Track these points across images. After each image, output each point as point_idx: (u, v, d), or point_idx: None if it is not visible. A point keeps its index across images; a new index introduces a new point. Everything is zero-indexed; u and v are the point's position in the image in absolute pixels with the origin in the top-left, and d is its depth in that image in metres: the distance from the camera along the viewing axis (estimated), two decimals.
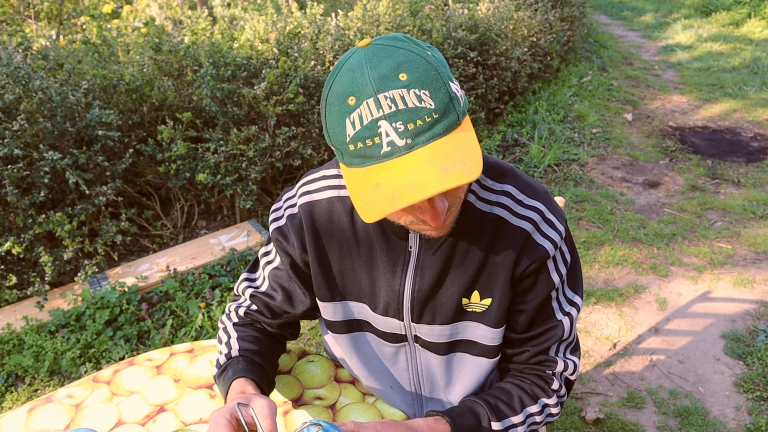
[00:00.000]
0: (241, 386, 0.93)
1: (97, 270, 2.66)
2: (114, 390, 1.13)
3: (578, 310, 1.01)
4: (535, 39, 5.02)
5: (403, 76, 0.73)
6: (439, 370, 1.05)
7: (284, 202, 1.06)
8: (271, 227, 1.06)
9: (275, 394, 1.11)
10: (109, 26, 4.71)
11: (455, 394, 1.07)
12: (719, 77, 5.83)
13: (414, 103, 0.73)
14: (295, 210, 1.03)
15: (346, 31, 3.52)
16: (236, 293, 1.15)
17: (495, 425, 0.93)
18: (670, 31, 7.91)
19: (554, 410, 1.00)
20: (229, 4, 7.04)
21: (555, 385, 1.00)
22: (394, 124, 0.73)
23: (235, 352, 1.02)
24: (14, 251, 2.43)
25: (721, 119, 4.87)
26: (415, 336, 1.03)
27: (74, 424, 1.05)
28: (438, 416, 0.91)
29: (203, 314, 2.52)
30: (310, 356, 1.22)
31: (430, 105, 0.74)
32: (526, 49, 4.77)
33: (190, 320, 2.53)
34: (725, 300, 2.68)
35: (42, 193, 2.50)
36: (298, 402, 1.09)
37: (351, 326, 1.08)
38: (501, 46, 4.37)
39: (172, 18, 5.09)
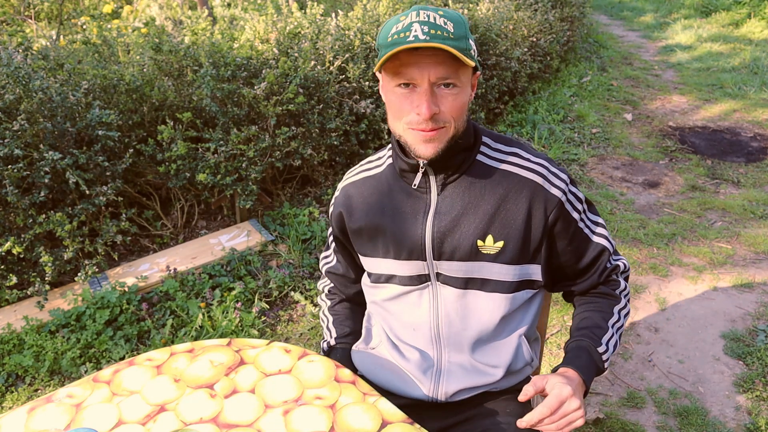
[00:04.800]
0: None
1: (97, 270, 2.66)
2: (114, 390, 1.13)
3: (604, 227, 1.24)
4: (535, 39, 5.02)
5: (440, 12, 1.04)
6: (455, 308, 1.20)
7: (336, 191, 1.34)
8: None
9: (275, 394, 1.11)
10: (109, 26, 4.72)
11: (472, 329, 1.21)
12: (719, 77, 5.84)
13: (440, 24, 1.02)
14: (338, 193, 1.32)
15: (346, 31, 3.52)
16: (320, 270, 1.50)
17: (600, 349, 1.15)
18: (670, 31, 7.91)
19: (625, 310, 1.24)
20: (229, 4, 7.04)
21: (621, 287, 1.24)
22: (422, 27, 1.00)
23: (332, 341, 1.40)
24: (14, 251, 2.44)
25: (721, 119, 4.87)
26: (437, 273, 1.19)
27: (74, 424, 1.05)
28: (563, 367, 1.12)
29: (203, 314, 2.52)
30: (310, 356, 1.22)
31: (451, 30, 1.02)
32: (526, 49, 4.77)
33: (190, 320, 2.53)
34: (725, 300, 2.68)
35: (42, 193, 2.50)
36: (298, 402, 1.10)
37: (380, 279, 1.27)
38: (501, 46, 4.37)
39: (173, 18, 5.09)
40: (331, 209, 1.35)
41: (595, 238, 1.21)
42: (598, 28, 8.05)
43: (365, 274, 1.36)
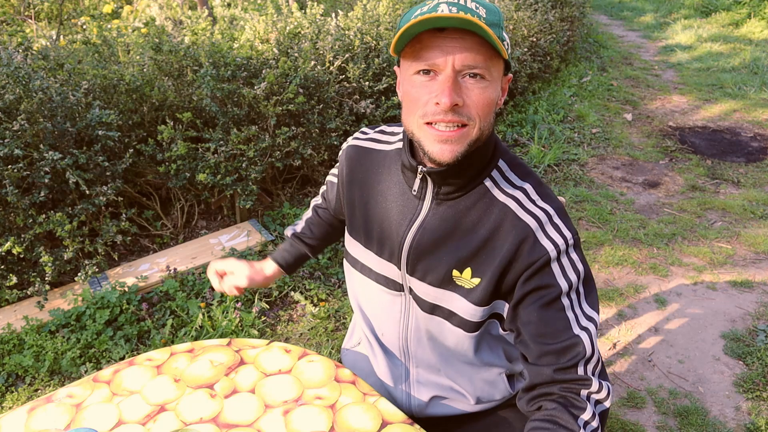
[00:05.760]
0: (266, 263, 1.37)
1: (97, 270, 2.66)
2: (114, 390, 1.13)
3: (596, 327, 0.98)
4: (535, 39, 5.02)
5: None
6: (424, 327, 1.12)
7: (346, 143, 1.23)
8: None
9: (275, 394, 1.11)
10: (109, 26, 4.71)
11: (437, 354, 1.14)
12: (719, 77, 5.84)
13: (471, 7, 0.89)
14: (346, 146, 1.21)
15: (346, 31, 3.52)
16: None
17: None
18: (670, 31, 7.91)
19: None
20: (229, 4, 7.04)
21: (586, 414, 0.92)
22: (450, 8, 0.87)
23: (292, 231, 1.41)
24: (14, 251, 2.44)
25: (721, 119, 4.87)
26: (410, 287, 1.11)
27: (74, 424, 1.05)
28: None
29: (203, 314, 2.52)
30: (310, 356, 1.22)
31: (483, 15, 0.89)
32: (526, 49, 4.77)
33: (190, 320, 2.53)
34: (725, 300, 2.68)
35: (42, 193, 2.50)
36: (298, 402, 1.10)
37: (357, 265, 1.20)
38: None
39: (173, 18, 5.09)
40: (342, 155, 1.23)
41: (576, 329, 0.95)
42: (598, 28, 8.04)
43: (345, 251, 1.27)
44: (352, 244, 1.20)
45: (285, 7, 3.90)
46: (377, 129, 1.19)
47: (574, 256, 0.98)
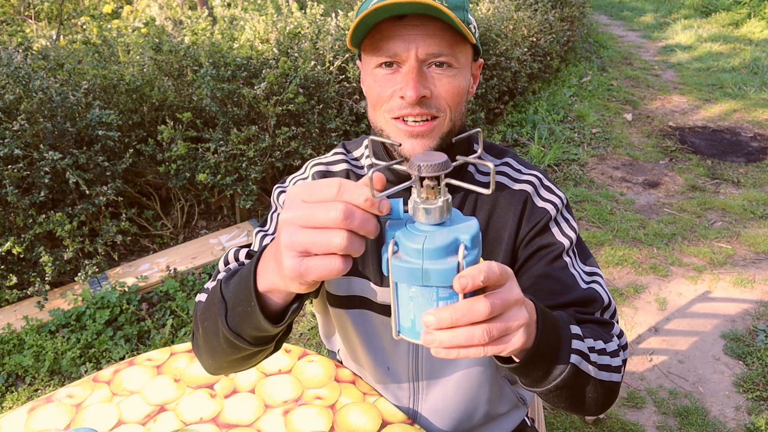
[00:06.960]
0: None
1: (97, 270, 2.66)
2: (114, 390, 1.13)
3: (602, 278, 0.97)
4: (535, 39, 5.02)
5: None
6: None
7: (291, 178, 1.06)
8: (278, 196, 1.03)
9: (275, 394, 1.11)
10: (109, 26, 4.71)
11: (456, 377, 1.05)
12: (719, 77, 5.84)
13: None
14: (311, 173, 1.03)
15: (346, 31, 3.52)
16: (222, 265, 0.97)
17: (574, 328, 0.78)
18: (670, 31, 7.91)
19: (615, 361, 0.83)
20: (229, 4, 7.03)
21: (616, 342, 0.87)
22: None
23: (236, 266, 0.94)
24: (14, 251, 2.44)
25: (721, 119, 4.87)
26: None
27: (74, 424, 1.05)
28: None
29: None
30: (310, 356, 1.22)
31: None
32: (526, 49, 4.77)
33: (190, 320, 2.53)
34: (725, 300, 2.68)
35: (42, 193, 2.50)
36: (298, 402, 1.10)
37: (353, 302, 1.05)
38: (501, 46, 4.37)
39: (173, 18, 5.09)
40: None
41: (582, 285, 0.93)
42: (598, 28, 8.04)
43: (323, 299, 1.11)
44: (339, 284, 1.05)
45: (285, 7, 3.90)
46: (333, 152, 1.07)
47: (567, 215, 1.00)
